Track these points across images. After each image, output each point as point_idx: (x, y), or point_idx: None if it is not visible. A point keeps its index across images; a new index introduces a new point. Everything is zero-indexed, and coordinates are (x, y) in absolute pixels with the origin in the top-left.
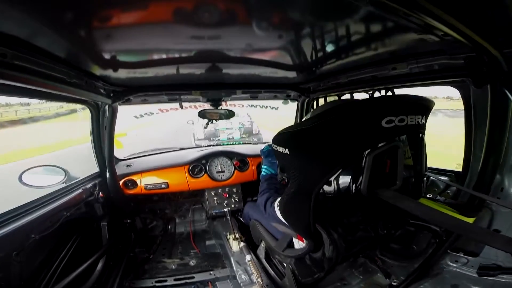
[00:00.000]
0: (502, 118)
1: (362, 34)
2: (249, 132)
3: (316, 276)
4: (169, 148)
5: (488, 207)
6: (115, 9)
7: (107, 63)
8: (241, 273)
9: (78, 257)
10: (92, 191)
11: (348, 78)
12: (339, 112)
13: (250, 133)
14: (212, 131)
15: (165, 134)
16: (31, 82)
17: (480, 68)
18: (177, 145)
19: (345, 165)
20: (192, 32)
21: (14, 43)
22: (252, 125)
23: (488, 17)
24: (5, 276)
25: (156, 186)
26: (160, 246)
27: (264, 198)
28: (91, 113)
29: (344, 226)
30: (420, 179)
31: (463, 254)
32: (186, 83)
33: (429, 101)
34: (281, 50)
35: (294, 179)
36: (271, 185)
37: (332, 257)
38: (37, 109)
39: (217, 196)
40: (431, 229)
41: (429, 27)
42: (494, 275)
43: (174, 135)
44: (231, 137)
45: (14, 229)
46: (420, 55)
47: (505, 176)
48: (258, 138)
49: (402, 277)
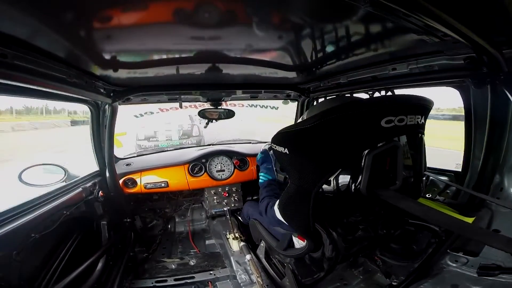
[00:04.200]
0: (502, 118)
1: (362, 35)
2: (189, 134)
3: (316, 275)
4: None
5: (487, 207)
6: (115, 9)
7: (107, 63)
8: (241, 272)
9: (78, 256)
10: (92, 190)
11: (348, 79)
12: (339, 112)
13: (189, 135)
14: (151, 133)
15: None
16: (31, 82)
17: (480, 68)
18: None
19: (344, 164)
20: (192, 33)
21: (14, 43)
22: (192, 127)
23: (487, 18)
24: (5, 275)
25: (156, 185)
26: (160, 246)
27: (264, 205)
28: (91, 113)
29: (344, 225)
30: (419, 179)
31: (463, 254)
32: (186, 83)
33: (429, 101)
34: (281, 50)
35: (293, 179)
36: (270, 192)
37: (332, 257)
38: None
39: (216, 195)
40: (430, 229)
41: (429, 28)
42: (494, 275)
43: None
44: (170, 138)
45: (14, 228)
46: (420, 56)
47: (505, 176)
48: (198, 140)
49: (402, 277)
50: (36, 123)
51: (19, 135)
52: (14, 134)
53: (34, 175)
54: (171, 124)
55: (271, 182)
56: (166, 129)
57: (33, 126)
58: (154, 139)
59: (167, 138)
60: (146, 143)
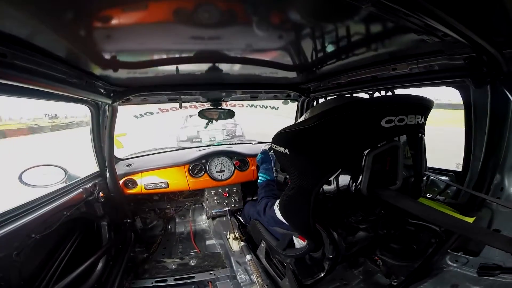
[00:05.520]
0: (502, 118)
1: (362, 35)
2: (232, 134)
3: (316, 276)
4: (169, 147)
5: (488, 207)
6: (115, 9)
7: (107, 63)
8: (241, 273)
9: (78, 257)
10: (92, 190)
11: (348, 79)
12: (339, 112)
13: (234, 135)
14: (194, 134)
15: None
16: (31, 82)
17: (480, 68)
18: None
19: (345, 164)
20: (193, 32)
21: (13, 42)
22: (235, 127)
23: (487, 18)
24: (5, 276)
25: (156, 185)
26: (160, 246)
27: (262, 205)
28: (91, 113)
29: (344, 226)
30: (419, 178)
31: (463, 253)
32: (186, 83)
33: (429, 101)
34: (281, 50)
35: (294, 179)
36: (268, 192)
37: (332, 257)
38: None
39: (217, 195)
40: (431, 228)
41: (429, 28)
42: (494, 275)
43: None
44: (213, 139)
45: (15, 229)
46: (420, 56)
47: (505, 176)
48: (242, 140)
49: (402, 277)
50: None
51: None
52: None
53: (35, 176)
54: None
55: (270, 182)
56: (209, 128)
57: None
58: (197, 140)
59: (210, 138)
60: (189, 144)
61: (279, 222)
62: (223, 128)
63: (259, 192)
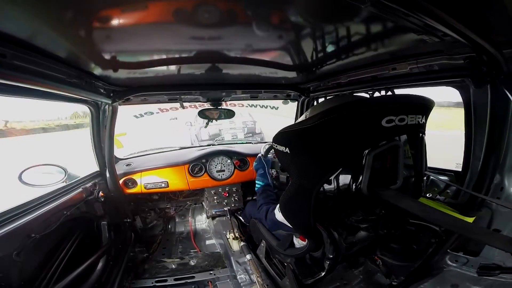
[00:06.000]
0: (502, 118)
1: (362, 35)
2: (252, 131)
3: (317, 275)
4: (169, 147)
5: (488, 207)
6: (115, 9)
7: (107, 63)
8: (241, 272)
9: (78, 256)
10: (92, 190)
11: (348, 78)
12: (339, 111)
13: (253, 133)
14: (216, 132)
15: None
16: (31, 82)
17: (480, 68)
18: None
19: (345, 164)
20: (192, 32)
21: (13, 42)
22: (254, 125)
23: (487, 17)
24: (5, 276)
25: (156, 185)
26: (160, 246)
27: (263, 213)
28: (91, 113)
29: (345, 225)
30: (420, 178)
31: (463, 253)
32: (186, 83)
33: (430, 100)
34: (281, 50)
35: (294, 178)
36: (266, 198)
37: (333, 257)
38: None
39: (217, 195)
40: (431, 228)
41: (429, 28)
42: (494, 275)
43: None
44: (235, 137)
45: (15, 229)
46: (420, 55)
47: (505, 176)
48: (261, 137)
49: (402, 276)
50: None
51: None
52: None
53: (35, 176)
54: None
55: (265, 187)
56: (230, 127)
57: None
58: (219, 139)
59: (232, 136)
60: (211, 143)
61: (281, 224)
62: (244, 126)
63: (258, 199)
